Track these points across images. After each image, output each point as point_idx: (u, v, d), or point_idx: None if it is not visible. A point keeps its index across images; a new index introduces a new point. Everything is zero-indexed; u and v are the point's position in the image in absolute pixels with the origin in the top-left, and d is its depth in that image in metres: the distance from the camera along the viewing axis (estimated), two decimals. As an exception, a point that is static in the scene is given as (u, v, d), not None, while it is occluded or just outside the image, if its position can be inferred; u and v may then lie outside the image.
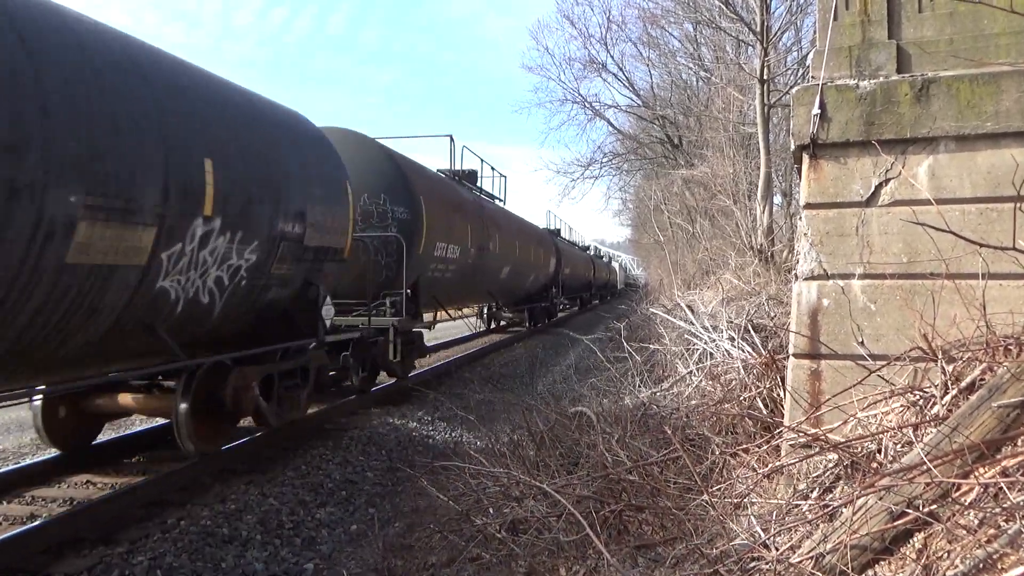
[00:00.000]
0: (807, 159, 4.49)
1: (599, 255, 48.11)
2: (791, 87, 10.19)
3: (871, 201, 4.32)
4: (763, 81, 14.78)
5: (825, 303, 4.36)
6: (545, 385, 11.58)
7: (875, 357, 4.11)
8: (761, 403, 5.42)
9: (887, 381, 3.89)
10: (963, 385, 3.46)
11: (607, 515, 4.05)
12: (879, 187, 4.31)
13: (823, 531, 3.07)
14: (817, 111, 4.39)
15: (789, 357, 4.59)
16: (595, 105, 29.78)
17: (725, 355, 6.57)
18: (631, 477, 4.43)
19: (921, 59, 4.44)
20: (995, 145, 4.09)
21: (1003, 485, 2.73)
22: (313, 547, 5.51)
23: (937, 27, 4.47)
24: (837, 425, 3.94)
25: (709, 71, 21.49)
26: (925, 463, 2.89)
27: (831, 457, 3.64)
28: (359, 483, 6.97)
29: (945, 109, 4.18)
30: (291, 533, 5.64)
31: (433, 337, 17.33)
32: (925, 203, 4.12)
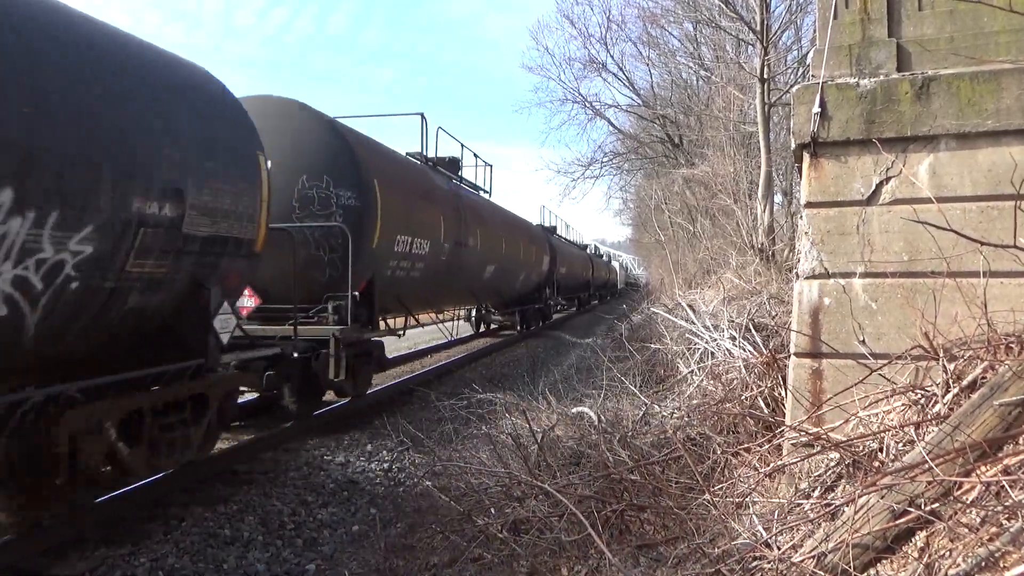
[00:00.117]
0: (808, 158, 4.49)
1: (598, 254, 47.26)
2: (791, 86, 10.18)
3: (872, 200, 4.31)
4: (763, 80, 14.77)
5: (826, 302, 4.35)
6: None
7: (876, 356, 4.11)
8: (762, 402, 5.42)
9: (888, 380, 3.89)
10: (964, 383, 3.46)
11: (609, 515, 4.05)
12: (880, 185, 4.30)
13: (825, 530, 3.06)
14: (817, 110, 4.39)
15: (790, 356, 4.59)
16: (595, 105, 29.78)
17: (726, 354, 6.57)
18: (633, 477, 4.44)
19: (921, 57, 4.43)
20: (996, 143, 4.09)
21: (1005, 483, 2.73)
22: None
23: (937, 25, 4.47)
24: (839, 424, 3.94)
25: (709, 70, 21.49)
26: (927, 462, 2.89)
27: (833, 456, 3.64)
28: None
29: (946, 107, 4.18)
30: None
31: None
32: (926, 201, 4.12)
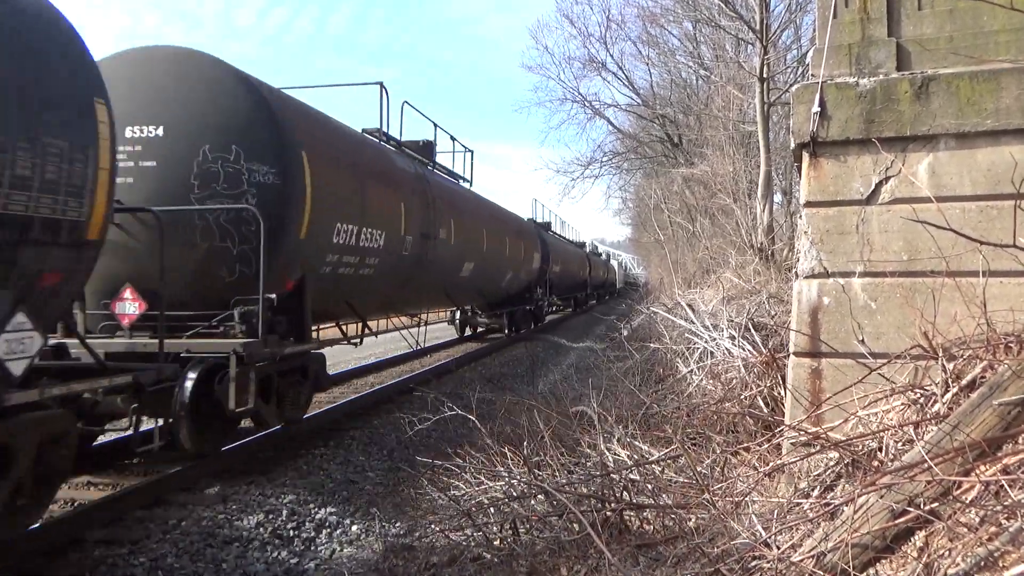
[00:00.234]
0: (807, 157, 4.49)
1: (596, 252, 46.25)
2: (791, 85, 10.18)
3: (871, 199, 4.31)
4: (763, 79, 14.77)
5: (826, 301, 4.35)
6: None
7: (876, 355, 4.11)
8: (762, 402, 5.42)
9: (888, 379, 3.89)
10: (964, 383, 3.46)
11: (608, 514, 4.06)
12: (879, 185, 4.30)
13: (824, 529, 3.06)
14: (817, 109, 4.39)
15: (790, 355, 4.59)
16: (595, 104, 29.76)
17: (726, 354, 6.57)
18: (632, 476, 4.44)
19: (921, 56, 4.43)
20: (995, 142, 4.09)
21: (1004, 483, 2.73)
22: None
23: (937, 24, 4.47)
24: (838, 423, 3.94)
25: (709, 69, 21.49)
26: (926, 461, 2.89)
27: (832, 455, 3.64)
28: None
29: (945, 107, 4.18)
30: None
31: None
32: (925, 201, 4.12)
